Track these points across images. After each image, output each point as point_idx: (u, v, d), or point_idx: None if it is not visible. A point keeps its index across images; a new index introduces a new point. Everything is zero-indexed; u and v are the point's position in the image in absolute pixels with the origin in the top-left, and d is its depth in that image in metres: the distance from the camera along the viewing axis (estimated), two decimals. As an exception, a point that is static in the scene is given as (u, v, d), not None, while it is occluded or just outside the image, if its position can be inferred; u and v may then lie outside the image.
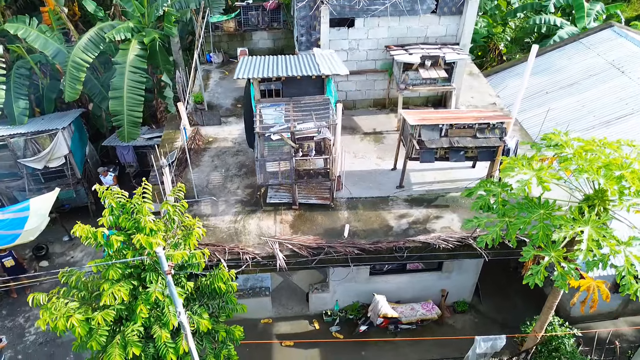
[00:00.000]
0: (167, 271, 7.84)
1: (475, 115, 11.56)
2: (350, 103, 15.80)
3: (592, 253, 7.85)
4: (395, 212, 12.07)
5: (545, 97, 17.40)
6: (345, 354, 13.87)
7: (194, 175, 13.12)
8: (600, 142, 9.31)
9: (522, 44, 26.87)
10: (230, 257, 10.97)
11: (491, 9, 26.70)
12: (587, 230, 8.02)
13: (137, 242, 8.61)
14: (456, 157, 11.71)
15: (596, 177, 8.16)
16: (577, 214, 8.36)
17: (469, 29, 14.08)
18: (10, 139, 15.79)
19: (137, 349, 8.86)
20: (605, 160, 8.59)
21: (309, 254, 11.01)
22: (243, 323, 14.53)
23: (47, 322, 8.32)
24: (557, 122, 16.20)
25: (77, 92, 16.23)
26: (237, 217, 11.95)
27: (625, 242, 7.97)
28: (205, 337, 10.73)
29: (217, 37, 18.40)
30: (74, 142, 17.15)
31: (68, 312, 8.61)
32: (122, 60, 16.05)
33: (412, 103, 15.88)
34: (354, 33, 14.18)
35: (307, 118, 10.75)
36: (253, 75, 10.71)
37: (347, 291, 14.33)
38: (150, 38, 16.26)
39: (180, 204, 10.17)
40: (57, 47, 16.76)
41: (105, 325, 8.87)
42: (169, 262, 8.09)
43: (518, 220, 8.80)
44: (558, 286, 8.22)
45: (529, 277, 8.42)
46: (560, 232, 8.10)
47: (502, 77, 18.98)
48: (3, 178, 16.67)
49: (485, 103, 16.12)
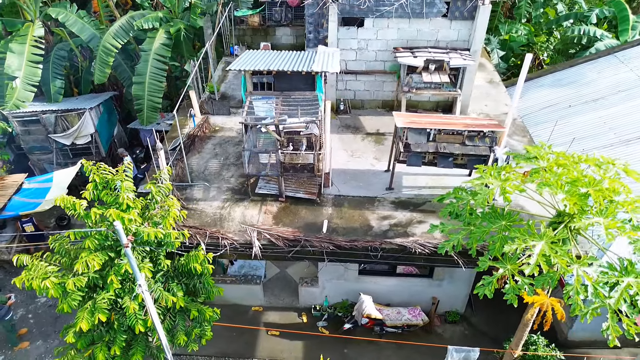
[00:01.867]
0: (125, 244, 8.36)
1: (466, 122, 11.39)
2: (359, 102, 15.89)
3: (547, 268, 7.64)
4: (379, 213, 12.11)
5: (567, 110, 16.72)
6: (328, 350, 14.01)
7: (195, 160, 13.73)
8: (579, 158, 8.98)
9: (568, 54, 25.78)
10: (210, 240, 11.42)
11: (536, 17, 25.73)
12: (540, 246, 7.81)
13: (109, 215, 9.20)
14: (444, 163, 11.60)
15: (556, 192, 7.91)
16: (534, 228, 8.13)
17: (480, 35, 13.81)
18: (43, 114, 17.06)
19: (104, 315, 9.49)
20: (573, 175, 8.30)
21: (285, 245, 11.29)
22: (234, 308, 15.18)
23: (22, 280, 9.08)
24: (574, 137, 15.52)
25: (106, 76, 17.32)
26: (225, 203, 12.41)
27: (579, 260, 7.69)
28: (179, 315, 11.26)
29: (242, 31, 18.98)
30: (101, 123, 18.28)
31: (44, 275, 9.32)
32: (147, 48, 16.96)
33: (422, 107, 15.75)
34: (363, 33, 14.27)
35: (294, 113, 11.01)
36: (245, 67, 11.09)
37: (336, 288, 14.48)
38: (176, 28, 17.07)
39: (165, 185, 10.72)
40: (92, 32, 17.91)
41: (78, 291, 9.54)
42: (128, 237, 8.62)
43: (478, 230, 8.69)
44: (508, 300, 8.06)
45: (480, 288, 8.31)
46: (512, 245, 7.94)
47: (527, 87, 18.36)
48: (35, 151, 18.04)
49: (498, 112, 15.72)
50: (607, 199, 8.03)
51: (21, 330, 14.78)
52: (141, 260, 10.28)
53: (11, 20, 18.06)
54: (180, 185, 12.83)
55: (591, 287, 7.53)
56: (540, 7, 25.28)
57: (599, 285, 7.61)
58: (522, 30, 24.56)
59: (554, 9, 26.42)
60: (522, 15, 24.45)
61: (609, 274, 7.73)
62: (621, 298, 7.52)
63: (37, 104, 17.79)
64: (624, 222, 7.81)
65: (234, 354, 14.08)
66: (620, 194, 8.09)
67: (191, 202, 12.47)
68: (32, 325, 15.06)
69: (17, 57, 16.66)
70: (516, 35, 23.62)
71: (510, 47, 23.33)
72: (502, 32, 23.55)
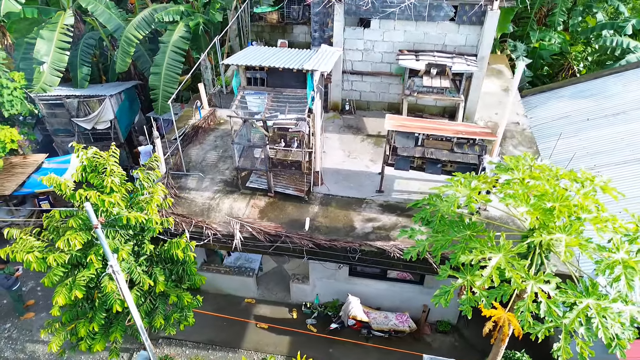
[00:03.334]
0: (95, 225, 8.74)
1: (457, 129, 11.17)
2: (364, 103, 15.84)
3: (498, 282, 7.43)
4: (364, 215, 12.07)
5: (584, 123, 16.02)
6: (314, 348, 14.09)
7: (195, 151, 14.11)
8: (556, 172, 8.65)
9: (604, 66, 24.64)
10: (195, 229, 11.73)
11: (573, 25, 24.71)
12: (496, 258, 7.60)
13: (89, 197, 9.64)
14: (432, 169, 11.43)
15: (518, 204, 7.67)
16: (494, 240, 7.91)
17: (487, 41, 13.46)
18: (67, 99, 17.95)
19: (80, 292, 9.95)
20: (542, 189, 8.01)
21: (266, 240, 11.45)
22: (228, 298, 15.50)
23: (7, 252, 9.66)
24: (587, 151, 14.95)
25: (127, 65, 18.02)
26: (215, 194, 12.71)
27: (535, 277, 7.43)
28: (160, 298, 11.64)
29: (260, 27, 19.26)
30: (121, 110, 19.04)
31: (29, 249, 9.86)
32: (166, 40, 17.53)
33: (428, 111, 15.53)
34: (369, 34, 14.22)
35: (282, 109, 11.15)
36: (238, 62, 11.32)
37: (327, 287, 14.52)
38: (195, 22, 17.54)
39: (154, 172, 11.11)
40: (119, 23, 18.66)
41: (60, 267, 10.05)
42: (99, 218, 9.01)
43: (442, 238, 8.55)
44: (462, 310, 7.88)
45: (437, 297, 8.18)
46: (469, 256, 7.76)
47: (546, 97, 17.73)
48: (59, 133, 19.02)
49: (508, 121, 15.25)
50: (574, 216, 7.71)
51: (28, 301, 15.64)
52: (124, 243, 10.72)
53: (47, 9, 19.07)
54: (176, 173, 13.21)
55: (544, 305, 7.26)
56: (579, 16, 24.24)
57: (555, 303, 7.32)
58: (556, 38, 23.65)
59: (594, 18, 25.30)
60: (556, 23, 23.53)
61: (568, 293, 7.43)
62: (576, 319, 7.22)
63: (64, 88, 18.73)
64: (588, 241, 7.48)
65: (221, 342, 14.38)
66: (589, 211, 7.74)
67: (184, 191, 12.84)
68: (39, 298, 15.90)
69: (46, 43, 17.59)
70: (548, 44, 22.77)
71: (540, 55, 22.53)
72: (533, 40, 22.77)
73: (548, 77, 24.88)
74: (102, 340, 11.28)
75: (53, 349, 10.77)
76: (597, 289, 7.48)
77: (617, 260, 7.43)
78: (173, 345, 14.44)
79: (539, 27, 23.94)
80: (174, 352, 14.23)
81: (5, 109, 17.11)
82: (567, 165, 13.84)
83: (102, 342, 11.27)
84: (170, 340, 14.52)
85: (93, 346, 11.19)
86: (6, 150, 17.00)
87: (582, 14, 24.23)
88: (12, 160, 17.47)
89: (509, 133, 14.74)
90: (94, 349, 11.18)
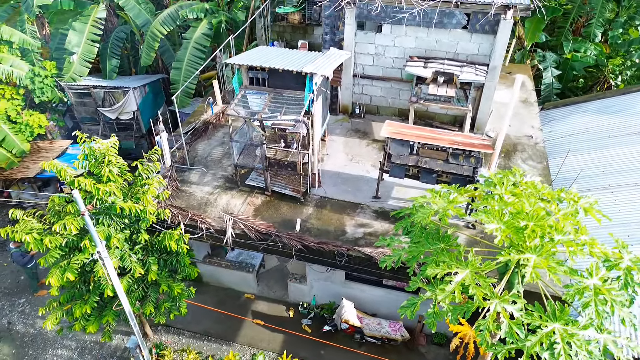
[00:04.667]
0: (82, 212, 9.15)
1: (454, 139, 10.98)
2: (374, 108, 15.76)
3: (460, 298, 7.29)
4: (357, 220, 12.06)
5: (605, 140, 15.36)
6: (306, 348, 14.18)
7: (202, 146, 14.46)
8: (540, 190, 8.39)
9: (644, 80, 23.48)
10: (191, 222, 12.05)
11: (613, 37, 23.66)
12: (463, 274, 7.45)
13: (84, 185, 10.08)
14: (427, 178, 11.29)
15: (487, 221, 7.49)
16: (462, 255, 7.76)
17: (500, 50, 13.13)
18: (94, 89, 18.75)
19: (73, 275, 10.42)
20: (519, 207, 7.79)
21: (256, 238, 11.63)
22: (228, 292, 15.82)
23: (7, 232, 10.23)
24: (604, 170, 14.35)
25: (151, 59, 18.65)
26: (214, 190, 12.99)
27: (500, 296, 7.24)
28: (152, 287, 12.03)
29: (282, 28, 19.46)
30: (145, 102, 19.70)
31: (28, 230, 10.42)
32: (189, 37, 18.02)
33: (439, 119, 15.30)
34: (380, 38, 14.15)
35: (280, 110, 11.29)
36: (240, 62, 11.53)
37: (324, 289, 14.57)
38: (217, 20, 17.95)
39: (153, 164, 11.48)
40: (147, 18, 19.31)
41: (57, 250, 10.56)
42: (88, 205, 9.41)
43: (415, 249, 8.46)
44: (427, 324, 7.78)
45: (403, 308, 8.11)
46: (436, 269, 7.65)
47: (569, 111, 17.07)
48: (86, 121, 19.89)
49: (521, 134, 14.85)
50: (548, 237, 7.46)
51: (43, 279, 16.46)
52: (121, 231, 11.15)
53: (82, 1, 19.96)
54: (180, 167, 13.59)
55: (506, 326, 7.07)
56: (620, 27, 23.19)
57: (518, 325, 7.12)
58: (592, 50, 22.70)
59: (637, 30, 24.12)
60: (593, 34, 22.58)
61: (534, 315, 7.21)
62: (538, 343, 6.99)
63: (92, 78, 19.57)
64: (559, 263, 7.22)
65: (216, 335, 14.68)
66: (563, 233, 7.47)
67: (185, 184, 13.20)
68: (54, 277, 16.68)
69: (78, 34, 18.43)
70: (582, 55, 21.89)
71: (572, 67, 21.69)
72: (566, 50, 21.95)
73: (582, 90, 23.95)
74: (95, 322, 11.79)
75: (48, 327, 11.36)
76: (567, 314, 7.23)
77: (587, 286, 7.16)
78: (171, 333, 14.87)
79: (574, 38, 23.05)
80: (171, 340, 14.64)
81: (36, 96, 18.05)
82: (571, 183, 13.36)
83: (95, 324, 11.78)
84: (168, 328, 14.95)
85: (87, 327, 11.72)
86: (34, 135, 17.93)
87: (624, 25, 23.16)
88: (39, 144, 18.40)
89: (519, 146, 14.34)
90: (87, 330, 11.70)
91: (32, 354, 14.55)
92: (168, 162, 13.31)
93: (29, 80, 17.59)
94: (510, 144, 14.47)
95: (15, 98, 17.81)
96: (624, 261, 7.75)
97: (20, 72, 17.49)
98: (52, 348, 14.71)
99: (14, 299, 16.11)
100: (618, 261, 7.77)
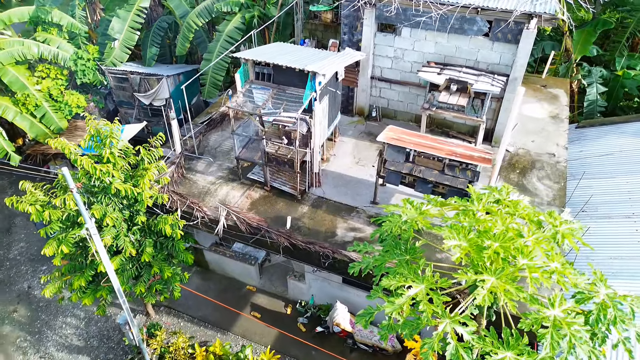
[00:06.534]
0: (71, 188, 9.57)
1: (453, 150, 10.55)
2: (391, 112, 15.43)
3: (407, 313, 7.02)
4: (350, 224, 11.88)
5: (637, 166, 14.24)
6: (297, 346, 14.18)
7: (214, 137, 14.76)
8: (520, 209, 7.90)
9: None
10: (188, 209, 12.33)
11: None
12: (417, 289, 7.16)
13: (82, 164, 10.57)
14: (422, 187, 10.94)
15: (448, 237, 7.13)
16: (419, 269, 7.44)
17: (521, 61, 12.47)
18: (131, 74, 19.59)
19: (67, 247, 10.98)
20: (488, 226, 7.37)
21: (247, 230, 11.73)
22: (232, 281, 16.08)
23: (12, 201, 10.91)
24: (630, 196, 13.33)
25: (185, 49, 19.24)
26: (217, 180, 13.23)
27: (451, 316, 6.88)
28: (145, 268, 12.43)
29: (314, 26, 19.42)
30: (178, 90, 20.34)
31: (32, 201, 11.05)
32: (222, 29, 18.43)
33: (457, 129, 14.75)
34: (399, 42, 13.83)
35: (280, 107, 11.33)
36: (246, 57, 11.66)
37: (322, 290, 14.50)
38: (251, 15, 18.23)
39: (157, 149, 11.86)
40: (187, 9, 19.94)
41: (58, 222, 11.15)
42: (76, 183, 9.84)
43: (382, 258, 8.22)
44: (380, 336, 7.54)
45: (359, 317, 7.91)
46: (391, 280, 7.40)
47: (605, 131, 15.92)
48: (123, 105, 20.82)
49: (542, 151, 14.03)
50: (511, 260, 7.01)
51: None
52: (120, 211, 11.61)
53: (132, -10, 20.89)
54: (189, 155, 13.94)
55: (452, 347, 6.72)
56: (685, 45, 21.45)
57: (466, 349, 6.75)
58: (644, 67, 21.06)
59: None
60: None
61: (485, 340, 6.81)
62: (484, 370, 6.60)
63: (132, 64, 20.44)
64: (518, 289, 6.77)
65: (213, 322, 14.97)
66: (529, 257, 6.98)
67: (191, 172, 13.53)
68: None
69: (121, 22, 19.31)
70: (635, 73, 20.34)
71: (622, 85, 20.22)
72: (617, 66, 20.50)
73: (635, 110, 22.27)
74: (91, 296, 12.34)
75: (46, 295, 12.02)
76: (524, 343, 6.77)
77: (547, 317, 6.66)
78: (171, 315, 15.32)
79: (630, 54, 21.48)
80: (170, 322, 15.08)
81: (78, 77, 19.10)
82: (581, 208, 12.52)
83: (90, 297, 12.33)
84: (170, 310, 15.41)
85: (83, 299, 12.30)
86: (72, 114, 18.99)
87: (690, 44, 21.37)
88: (77, 123, 19.47)
89: (538, 164, 13.56)
90: (83, 302, 12.27)
91: (45, 319, 15.47)
92: (178, 149, 13.68)
93: (72, 62, 18.64)
94: (529, 160, 13.72)
95: (59, 78, 18.93)
96: (599, 295, 7.18)
97: (65, 54, 18.57)
98: (63, 316, 15.56)
99: (36, 265, 17.17)
100: (592, 294, 7.20)
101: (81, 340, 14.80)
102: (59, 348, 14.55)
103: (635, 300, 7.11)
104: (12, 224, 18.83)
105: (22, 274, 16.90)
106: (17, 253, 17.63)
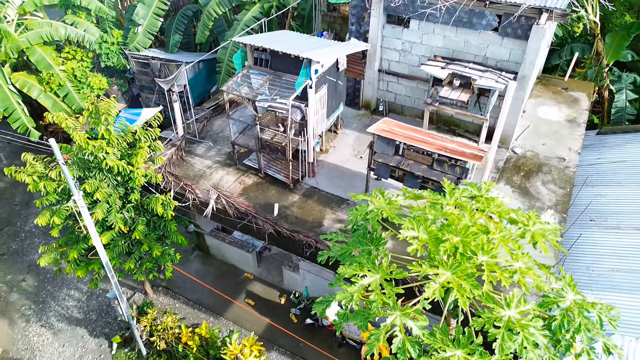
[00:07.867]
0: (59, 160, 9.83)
1: (445, 145, 10.19)
2: (399, 107, 15.08)
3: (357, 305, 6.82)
4: (338, 215, 11.71)
5: (656, 176, 13.40)
6: (286, 337, 14.07)
7: (218, 122, 14.89)
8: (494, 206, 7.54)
9: None
10: (180, 191, 12.47)
11: None
12: (372, 279, 6.94)
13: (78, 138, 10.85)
14: (411, 182, 10.64)
15: (406, 227, 6.87)
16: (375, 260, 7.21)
17: (530, 58, 11.92)
18: (152, 60, 20.03)
19: (59, 219, 11.31)
20: (453, 220, 7.06)
21: (234, 215, 11.74)
22: (230, 268, 16.16)
23: (10, 171, 11.31)
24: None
25: (204, 37, 19.49)
26: (213, 164, 13.32)
27: (403, 310, 6.62)
28: (136, 246, 12.65)
29: (333, 18, 19.24)
30: (197, 77, 20.65)
31: (31, 172, 11.44)
32: (240, 18, 18.57)
33: (464, 128, 14.28)
34: (407, 34, 13.49)
35: (274, 93, 11.29)
36: (244, 42, 11.67)
37: (315, 282, 14.38)
38: (269, 5, 18.28)
39: (154, 130, 12.06)
40: (209, -2, 20.17)
41: (54, 194, 11.51)
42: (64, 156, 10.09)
43: (347, 247, 8.04)
44: (334, 324, 7.37)
45: (317, 305, 7.77)
46: (347, 269, 7.22)
47: (625, 139, 14.98)
48: (145, 89, 21.31)
49: (552, 155, 13.38)
50: (470, 255, 6.68)
51: (77, 225, 17.99)
52: (114, 187, 11.87)
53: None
54: (191, 139, 14.10)
55: (399, 341, 6.47)
56: None
57: (413, 343, 6.49)
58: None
59: None
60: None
61: (435, 337, 6.52)
62: (430, 367, 6.33)
63: (155, 50, 20.89)
64: (474, 286, 6.44)
65: (207, 306, 15.12)
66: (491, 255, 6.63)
67: (190, 155, 13.68)
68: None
69: (146, 8, 19.77)
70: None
71: (658, 92, 19.07)
72: (652, 73, 19.35)
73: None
74: (84, 269, 12.67)
75: (41, 264, 12.41)
76: (475, 343, 6.44)
77: (500, 317, 6.31)
78: (168, 296, 15.58)
79: (669, 61, 20.21)
80: (166, 302, 15.34)
81: (102, 60, 19.69)
82: (577, 216, 11.86)
83: (84, 270, 12.66)
84: (167, 290, 15.67)
85: (76, 271, 12.65)
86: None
87: None
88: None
89: (545, 167, 12.94)
90: (77, 274, 12.62)
91: (50, 290, 16.03)
92: (180, 132, 13.86)
93: (97, 45, 19.22)
94: (536, 163, 13.11)
95: (85, 60, 19.57)
96: (564, 301, 6.76)
97: (91, 37, 19.18)
98: (67, 288, 16.07)
99: (49, 238, 17.78)
100: (557, 299, 6.78)
101: (81, 312, 15.24)
102: (59, 319, 15.04)
103: (604, 309, 6.65)
104: (32, 197, 19.60)
105: (35, 245, 17.55)
106: (32, 225, 18.33)
